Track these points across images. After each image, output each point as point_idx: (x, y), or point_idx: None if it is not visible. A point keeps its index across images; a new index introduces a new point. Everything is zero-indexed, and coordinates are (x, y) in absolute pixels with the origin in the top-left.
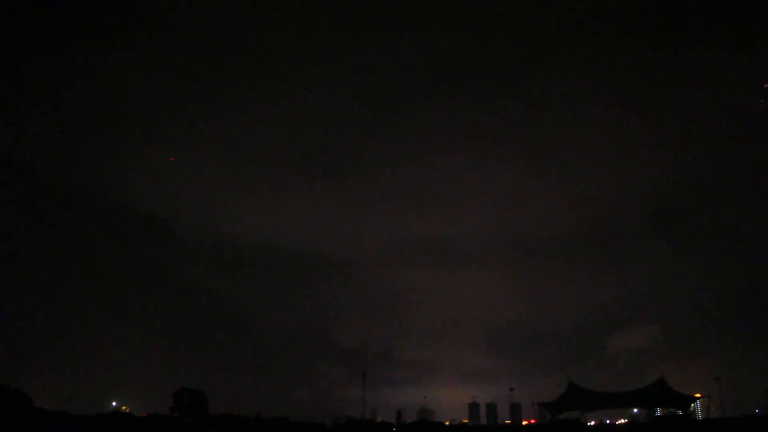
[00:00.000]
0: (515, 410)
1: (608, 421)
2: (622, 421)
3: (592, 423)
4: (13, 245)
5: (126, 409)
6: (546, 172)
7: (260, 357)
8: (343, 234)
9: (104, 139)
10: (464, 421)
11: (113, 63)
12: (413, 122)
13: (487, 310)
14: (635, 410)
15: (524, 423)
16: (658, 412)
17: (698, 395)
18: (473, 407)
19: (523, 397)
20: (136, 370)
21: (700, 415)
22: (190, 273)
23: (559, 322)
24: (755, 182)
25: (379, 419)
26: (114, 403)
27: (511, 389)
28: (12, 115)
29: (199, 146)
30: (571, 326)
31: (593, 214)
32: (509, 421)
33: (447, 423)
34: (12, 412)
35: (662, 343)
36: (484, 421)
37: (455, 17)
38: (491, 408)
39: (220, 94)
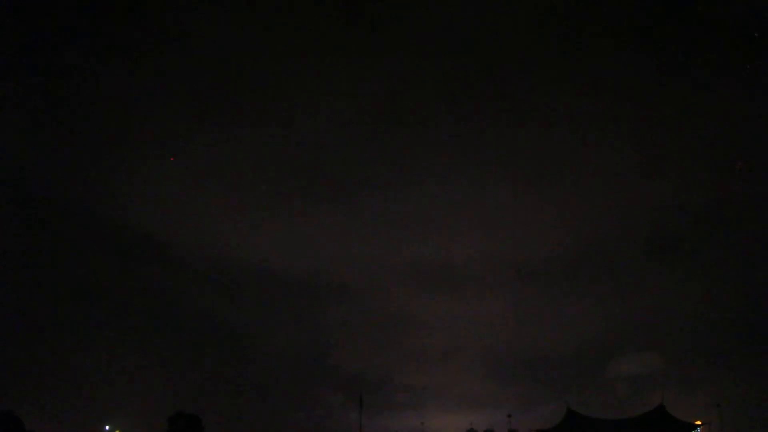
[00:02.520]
0: None
1: None
2: None
3: None
4: (3, 264)
5: None
6: (545, 198)
7: (257, 380)
8: (342, 258)
9: (101, 156)
10: None
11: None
12: (412, 146)
13: (486, 335)
14: None
15: None
16: None
17: (698, 422)
18: None
19: (521, 424)
20: (130, 392)
21: None
22: (188, 295)
23: (559, 347)
24: (756, 208)
25: None
26: (108, 427)
27: (509, 416)
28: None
29: (199, 168)
30: (571, 352)
31: (593, 240)
32: None
33: None
34: None
35: (662, 370)
36: None
37: (456, 43)
38: None
39: (221, 115)
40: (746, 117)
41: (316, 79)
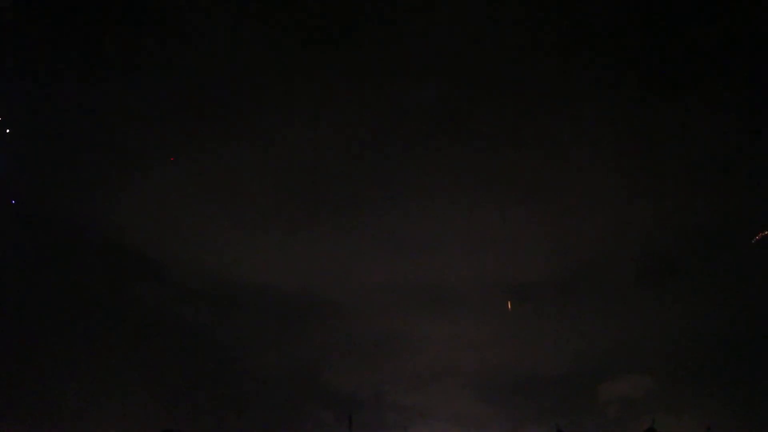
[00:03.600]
0: None
1: None
2: None
3: None
4: None
5: None
6: (537, 219)
7: (248, 398)
8: (334, 276)
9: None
10: None
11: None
12: (406, 167)
13: (478, 356)
14: None
15: None
16: None
17: None
18: None
19: None
20: (118, 410)
21: None
22: (178, 313)
23: (550, 369)
24: (749, 229)
25: None
26: None
27: None
28: None
29: (192, 186)
30: (562, 373)
31: (584, 261)
32: None
33: None
34: None
35: (653, 392)
36: None
37: (450, 66)
38: None
39: (215, 134)
40: (739, 137)
41: (311, 98)
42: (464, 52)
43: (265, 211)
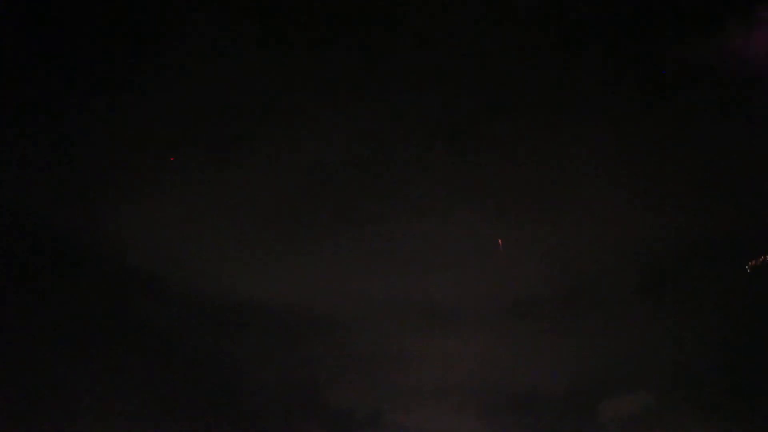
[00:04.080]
0: None
1: None
2: None
3: None
4: None
5: None
6: (535, 234)
7: (244, 416)
8: (332, 293)
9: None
10: None
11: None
12: (405, 182)
13: (477, 374)
14: None
15: None
16: None
17: None
18: None
19: None
20: (113, 427)
21: None
22: (173, 328)
23: (550, 386)
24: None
25: None
26: None
27: None
28: None
29: (190, 202)
30: (562, 391)
31: (583, 276)
32: None
33: None
34: None
35: (654, 409)
36: None
37: (452, 80)
38: None
39: (213, 149)
40: (738, 150)
41: (310, 117)
42: (465, 67)
43: (262, 229)
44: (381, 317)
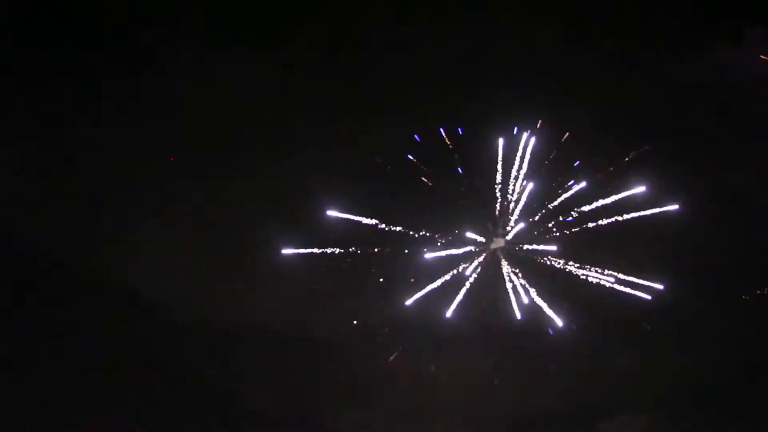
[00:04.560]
0: None
1: None
2: None
3: None
4: None
5: None
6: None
7: None
8: (327, 315)
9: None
10: None
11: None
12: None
13: (474, 395)
14: None
15: None
16: None
17: None
18: None
19: None
20: None
21: None
22: (171, 353)
23: (549, 407)
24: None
25: None
26: None
27: None
28: None
29: (184, 223)
30: (562, 410)
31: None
32: None
33: None
34: None
35: (654, 430)
36: None
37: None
38: None
39: (207, 168)
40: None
41: (311, 138)
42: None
43: (256, 250)
44: (379, 339)
